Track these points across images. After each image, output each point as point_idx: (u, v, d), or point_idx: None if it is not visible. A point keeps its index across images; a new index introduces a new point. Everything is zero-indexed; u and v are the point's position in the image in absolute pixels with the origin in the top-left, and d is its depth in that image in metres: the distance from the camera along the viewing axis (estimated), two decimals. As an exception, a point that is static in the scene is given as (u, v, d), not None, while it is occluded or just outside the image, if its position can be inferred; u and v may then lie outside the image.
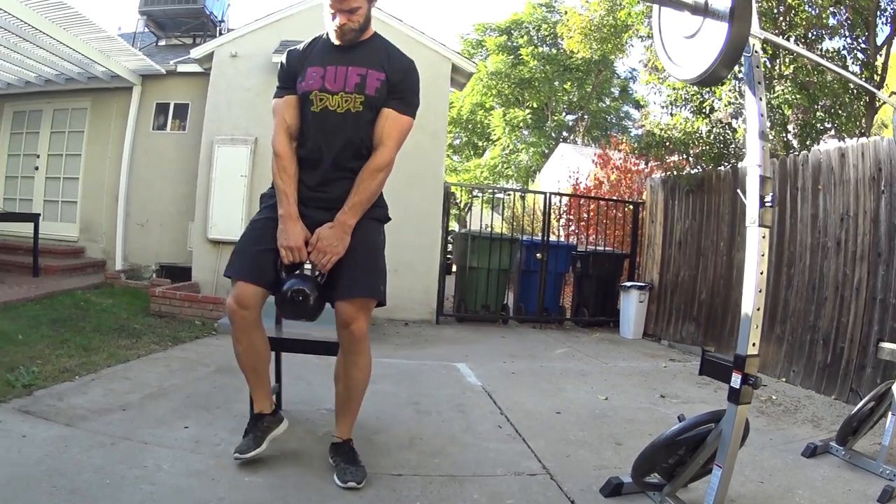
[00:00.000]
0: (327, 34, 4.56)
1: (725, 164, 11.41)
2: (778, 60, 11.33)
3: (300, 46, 4.69)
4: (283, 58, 4.68)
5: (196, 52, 13.71)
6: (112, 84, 14.57)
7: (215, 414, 5.57)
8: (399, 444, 4.92)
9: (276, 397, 4.91)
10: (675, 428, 4.00)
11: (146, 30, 18.23)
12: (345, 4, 4.28)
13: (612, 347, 10.74)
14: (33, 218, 13.11)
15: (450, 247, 13.81)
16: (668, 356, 10.45)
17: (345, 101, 4.34)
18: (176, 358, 7.76)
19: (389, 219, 4.74)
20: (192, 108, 14.56)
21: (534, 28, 35.41)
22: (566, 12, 27.78)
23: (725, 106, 11.52)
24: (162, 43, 18.29)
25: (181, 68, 14.48)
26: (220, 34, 16.21)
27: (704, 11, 3.58)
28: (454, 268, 13.30)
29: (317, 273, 4.27)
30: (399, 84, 4.43)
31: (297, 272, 4.29)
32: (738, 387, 3.66)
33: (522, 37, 35.16)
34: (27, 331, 8.15)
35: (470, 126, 37.80)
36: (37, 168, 16.07)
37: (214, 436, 4.98)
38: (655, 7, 4.17)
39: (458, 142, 38.96)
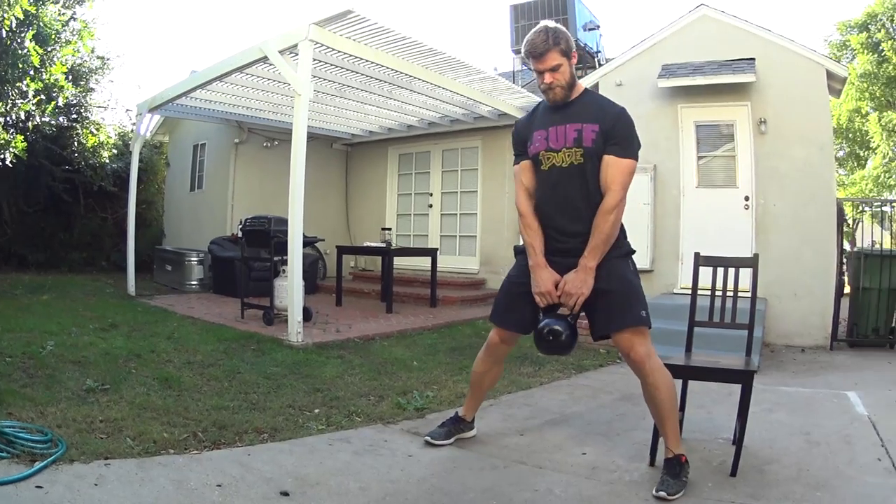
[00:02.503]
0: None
1: None
2: None
3: (525, 117, 5.21)
4: (514, 128, 5.21)
5: (580, 86, 13.86)
6: (501, 122, 15.07)
7: (615, 441, 5.57)
8: (788, 476, 4.78)
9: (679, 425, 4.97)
10: None
11: (524, 67, 18.70)
12: (546, 64, 4.65)
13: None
14: (431, 252, 13.77)
15: (843, 267, 13.19)
16: None
17: (568, 157, 4.68)
18: (579, 385, 7.82)
19: (634, 251, 4.90)
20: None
21: (887, 19, 32.93)
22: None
23: None
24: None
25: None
26: (599, 65, 16.51)
27: None
28: (846, 289, 12.68)
29: (569, 313, 4.58)
30: (613, 130, 4.63)
31: (552, 312, 4.67)
32: None
33: (879, 31, 32.76)
34: (423, 357, 8.68)
35: (850, 135, 35.71)
36: (430, 206, 17.09)
37: (611, 462, 5.00)
38: None
39: (841, 153, 36.88)
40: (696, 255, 5.55)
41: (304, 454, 4.88)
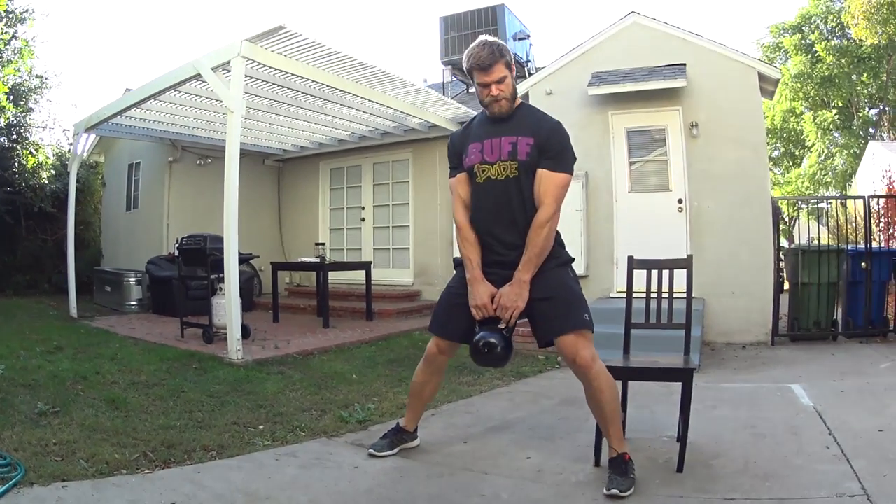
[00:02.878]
0: (483, 111, 5.05)
1: None
2: None
3: (460, 129, 5.28)
4: (449, 141, 5.25)
5: (510, 95, 13.96)
6: (431, 134, 15.20)
7: (558, 444, 5.63)
8: (735, 469, 4.88)
9: (622, 426, 5.04)
10: None
11: (454, 79, 18.80)
12: (493, 76, 4.72)
13: (933, 357, 10.04)
14: (365, 266, 13.79)
15: (781, 264, 13.46)
16: None
17: (503, 169, 4.76)
18: (519, 392, 7.89)
19: (572, 259, 5.01)
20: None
21: (821, 20, 33.51)
22: (846, -2, 26.66)
23: None
24: (472, 90, 18.64)
25: (499, 112, 14.64)
26: (529, 74, 16.52)
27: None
28: (786, 285, 12.92)
29: (503, 326, 4.66)
30: (547, 144, 4.72)
31: (489, 325, 4.73)
32: None
33: (813, 32, 33.18)
34: (362, 370, 8.73)
35: (784, 135, 36.24)
36: (363, 219, 17.14)
37: (557, 465, 5.06)
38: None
39: (776, 153, 37.43)
40: (630, 258, 5.67)
41: (252, 470, 4.91)
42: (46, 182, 17.54)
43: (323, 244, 14.76)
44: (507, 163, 4.72)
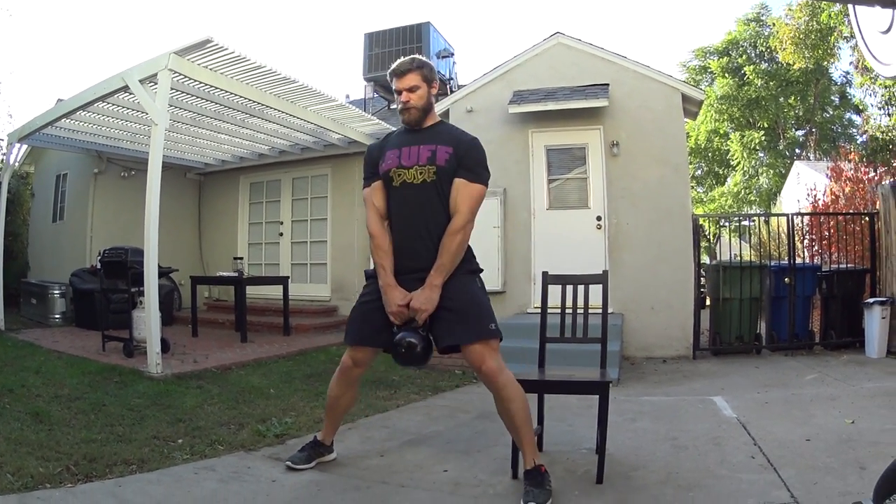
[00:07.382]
0: (402, 126, 5.19)
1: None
2: None
3: (378, 142, 5.36)
4: (366, 152, 5.34)
5: (440, 111, 14.17)
6: (350, 150, 15.21)
7: (475, 458, 5.67)
8: (657, 480, 4.95)
9: (537, 439, 5.15)
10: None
11: (375, 95, 18.85)
12: (405, 83, 4.94)
13: (859, 369, 10.10)
14: (282, 281, 13.78)
15: (702, 280, 13.66)
16: (912, 373, 9.89)
17: (420, 173, 4.86)
18: (436, 406, 7.96)
19: (481, 270, 5.09)
20: (437, 165, 14.70)
21: (749, 45, 33.97)
22: (774, 24, 27.12)
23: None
24: (394, 106, 18.76)
25: (419, 128, 14.72)
26: (451, 91, 16.72)
27: (893, 3, 3.31)
28: (707, 301, 13.13)
29: (421, 326, 4.72)
30: (465, 156, 4.87)
31: (407, 326, 4.76)
32: None
33: (741, 56, 34.10)
34: (279, 385, 8.77)
35: (709, 155, 36.65)
36: (281, 234, 17.15)
37: (474, 478, 5.12)
38: (850, 5, 3.96)
39: (699, 172, 37.78)
40: (545, 273, 5.82)
41: (171, 483, 4.92)
42: (-21, 191, 17.15)
43: (241, 258, 14.68)
44: (425, 167, 4.83)
